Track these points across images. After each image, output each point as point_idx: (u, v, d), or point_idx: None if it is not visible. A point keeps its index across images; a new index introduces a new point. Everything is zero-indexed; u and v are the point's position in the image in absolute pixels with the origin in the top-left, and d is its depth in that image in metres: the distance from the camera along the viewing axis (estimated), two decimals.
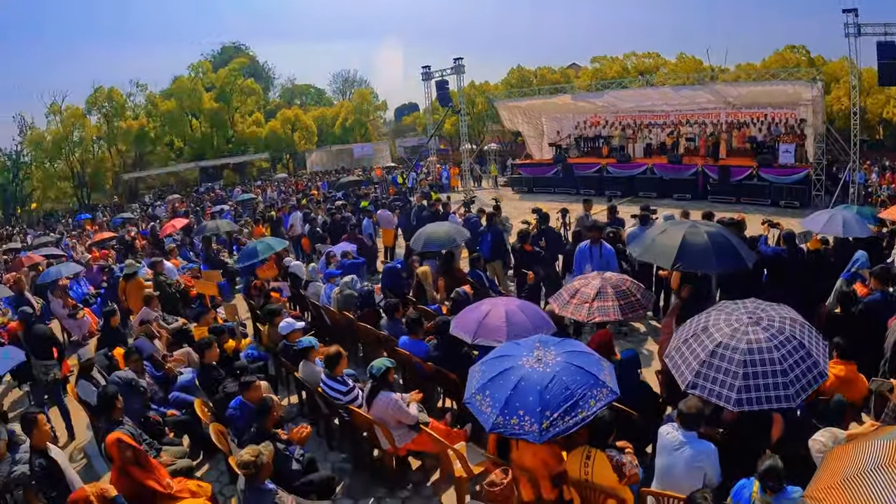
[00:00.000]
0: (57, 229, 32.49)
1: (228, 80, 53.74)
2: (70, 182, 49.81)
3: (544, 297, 9.84)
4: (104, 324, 9.01)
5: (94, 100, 49.37)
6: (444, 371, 6.49)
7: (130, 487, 4.87)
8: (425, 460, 6.18)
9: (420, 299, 9.32)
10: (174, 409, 6.95)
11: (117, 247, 19.41)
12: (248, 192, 34.32)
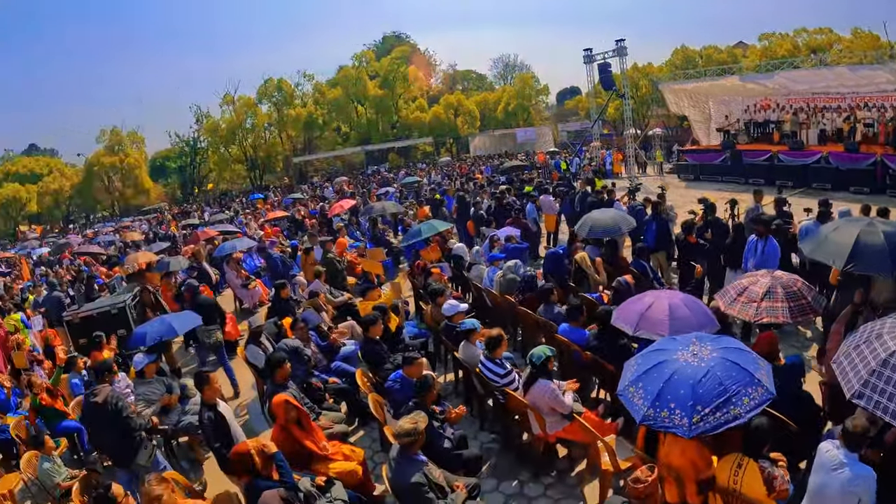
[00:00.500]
0: (231, 207, 37.52)
1: (391, 68, 59.49)
2: (243, 165, 59.96)
3: (707, 292, 9.99)
4: (275, 295, 10.74)
5: (264, 90, 58.64)
6: (602, 361, 6.86)
7: (289, 446, 5.79)
8: (573, 449, 6.58)
9: (580, 285, 9.80)
10: (335, 378, 8.13)
11: (288, 225, 22.59)
12: (412, 175, 37.39)
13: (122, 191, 60.34)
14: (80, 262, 23.05)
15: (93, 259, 22.96)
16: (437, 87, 72.89)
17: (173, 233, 28.27)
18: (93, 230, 42.90)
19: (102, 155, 58.85)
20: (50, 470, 7.10)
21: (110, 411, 6.42)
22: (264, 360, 7.55)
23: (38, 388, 8.48)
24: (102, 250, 25.16)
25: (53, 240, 40.67)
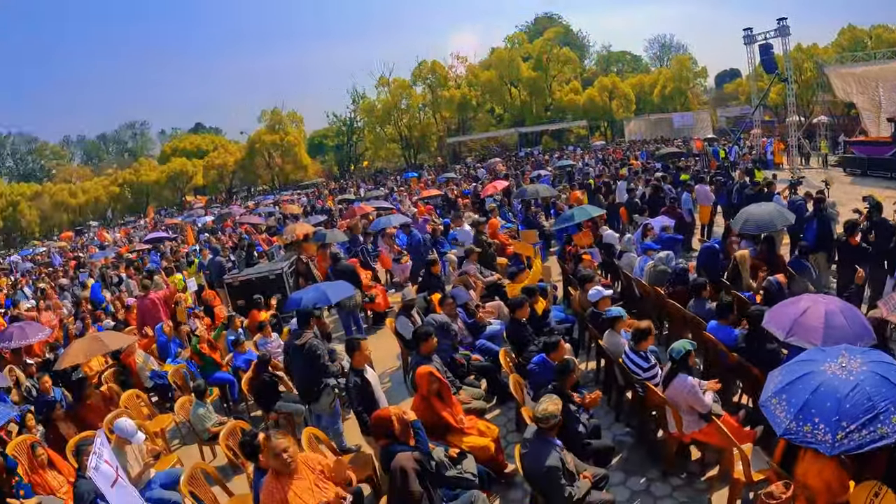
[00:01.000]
0: (386, 185, 39.92)
1: (544, 49, 61.75)
2: (398, 144, 65.42)
3: (867, 300, 9.45)
4: (426, 270, 11.50)
5: (418, 72, 63.49)
6: (748, 365, 6.76)
7: (428, 416, 6.21)
8: (706, 453, 6.55)
9: (734, 283, 9.60)
10: (478, 355, 8.57)
11: (441, 203, 23.55)
12: (566, 158, 37.78)
13: (282, 166, 66.72)
14: (241, 230, 25.49)
15: (253, 228, 25.12)
16: (592, 68, 73.10)
17: (329, 207, 30.25)
18: (254, 202, 47.31)
19: (264, 133, 65.95)
20: (202, 415, 8.06)
21: (308, 354, 7.68)
22: (412, 332, 8.04)
23: (201, 338, 9.90)
24: (262, 221, 27.49)
25: (217, 209, 45.42)
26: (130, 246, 31.22)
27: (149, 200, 68.68)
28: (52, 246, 44.86)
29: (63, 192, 68.67)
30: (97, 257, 27.66)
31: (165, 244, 25.66)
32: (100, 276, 20.66)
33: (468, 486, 5.70)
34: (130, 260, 22.89)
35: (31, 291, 22.23)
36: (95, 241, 41.19)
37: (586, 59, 74.91)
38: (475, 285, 10.73)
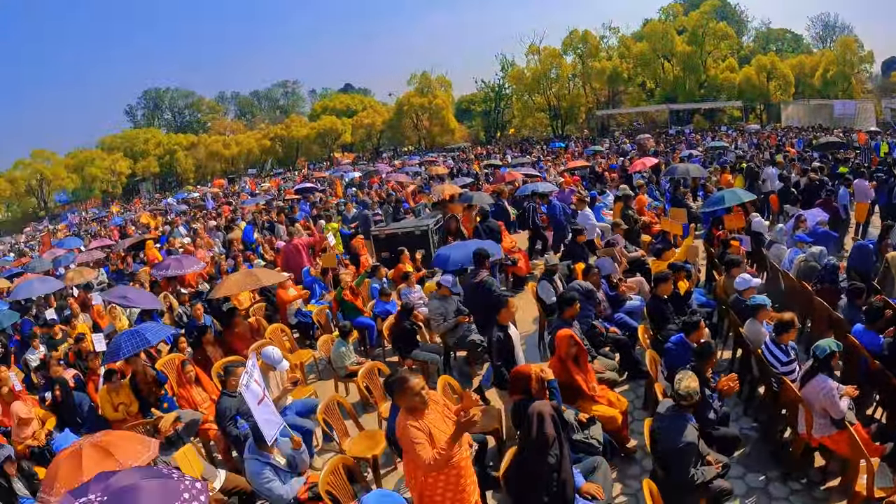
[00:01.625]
0: (532, 153, 39.81)
1: (700, 22, 58.65)
2: (546, 113, 65.07)
3: None
4: (571, 239, 11.69)
5: (569, 41, 62.82)
6: (891, 375, 6.41)
7: (562, 378, 6.33)
8: (831, 462, 6.29)
9: (885, 289, 9.09)
10: (616, 328, 8.66)
11: (588, 175, 23.38)
12: (718, 139, 36.35)
13: (429, 129, 68.34)
14: (387, 187, 26.48)
15: (399, 186, 25.94)
16: (749, 46, 68.71)
17: (475, 171, 30.79)
18: (400, 161, 48.95)
19: (412, 95, 67.72)
20: (343, 353, 8.68)
21: (485, 288, 8.75)
22: (556, 297, 8.33)
23: (344, 285, 10.54)
24: (409, 179, 28.30)
25: (364, 166, 47.25)
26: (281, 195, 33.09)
27: (298, 154, 72.63)
28: (205, 191, 48.26)
29: (217, 143, 74.27)
30: (248, 203, 29.64)
31: (315, 195, 27.02)
32: (252, 220, 22.11)
33: (591, 451, 5.82)
34: (281, 207, 24.34)
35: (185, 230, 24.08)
36: (247, 189, 43.95)
37: (744, 36, 70.36)
38: (620, 259, 10.80)
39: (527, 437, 5.06)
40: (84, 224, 46.54)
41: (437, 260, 10.35)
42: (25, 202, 68.89)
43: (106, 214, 51.29)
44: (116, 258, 21.63)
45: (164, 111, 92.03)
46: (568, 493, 4.92)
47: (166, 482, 3.87)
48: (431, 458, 4.47)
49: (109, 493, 3.73)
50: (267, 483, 5.70)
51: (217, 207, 32.98)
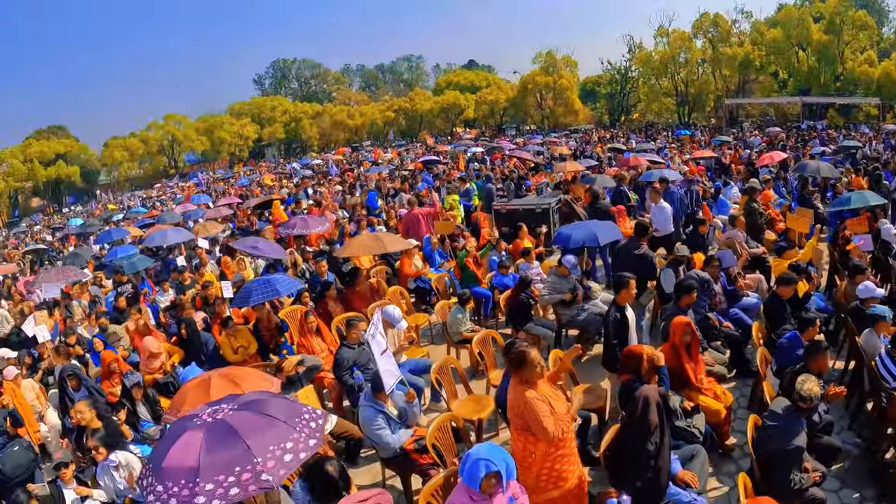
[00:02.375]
0: (656, 139, 39.01)
1: (838, 10, 53.86)
2: (673, 99, 62.26)
3: None
4: (693, 229, 11.69)
5: (699, 24, 59.59)
6: None
7: (672, 364, 6.41)
8: None
9: None
10: (730, 323, 8.58)
11: (713, 166, 22.90)
12: (853, 138, 34.00)
13: (553, 108, 67.67)
14: (509, 164, 26.75)
15: (521, 163, 26.17)
16: (889, 38, 61.73)
17: (598, 154, 30.46)
18: (523, 139, 49.06)
19: (537, 74, 67.13)
20: (460, 319, 9.13)
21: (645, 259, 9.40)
22: (674, 284, 8.32)
23: (469, 253, 11.07)
24: (531, 157, 28.41)
25: (485, 142, 47.63)
26: (403, 165, 34.03)
27: (421, 128, 73.87)
28: (329, 158, 49.99)
29: (342, 113, 76.67)
30: (372, 171, 30.56)
31: (438, 167, 27.67)
32: (376, 187, 22.93)
33: (692, 440, 5.90)
34: (405, 177, 25.20)
35: (311, 192, 25.24)
36: (370, 158, 45.19)
37: (884, 27, 64.55)
38: (741, 253, 10.67)
39: (630, 419, 5.21)
40: (211, 183, 49.13)
41: (558, 238, 10.59)
42: (157, 161, 74.00)
43: (232, 175, 54.07)
44: (243, 215, 22.99)
45: (291, 81, 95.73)
46: (662, 479, 5.04)
47: (292, 403, 4.35)
48: (556, 428, 4.75)
49: (239, 403, 4.26)
50: (378, 430, 6.14)
51: (340, 174, 34.22)
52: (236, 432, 3.89)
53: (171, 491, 3.68)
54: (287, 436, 3.97)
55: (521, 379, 4.95)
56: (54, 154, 68.24)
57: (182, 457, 3.81)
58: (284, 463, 3.82)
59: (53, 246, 28.67)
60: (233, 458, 3.76)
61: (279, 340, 9.19)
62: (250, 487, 3.67)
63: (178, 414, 5.66)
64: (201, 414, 4.24)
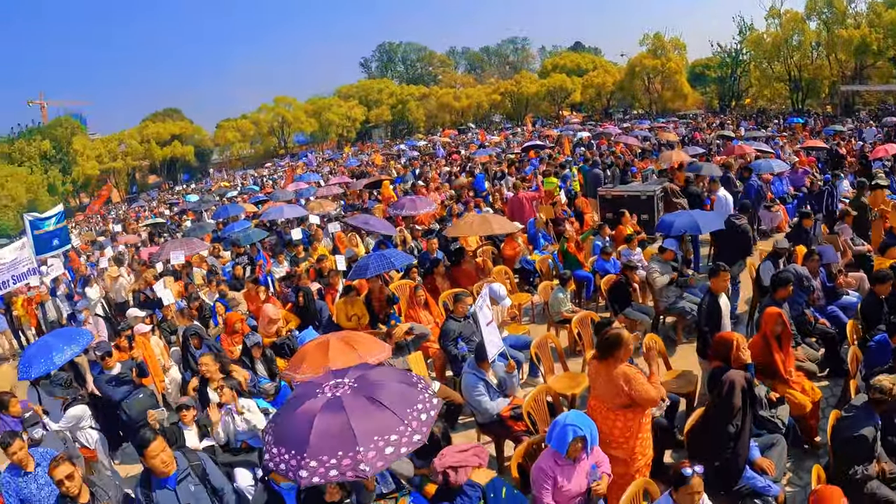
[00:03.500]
0: (768, 127, 37.66)
1: None
2: (785, 84, 58.45)
3: None
4: (798, 223, 11.67)
5: (812, 5, 55.32)
6: None
7: (761, 355, 6.53)
8: None
9: None
10: (826, 321, 8.56)
11: (826, 157, 22.23)
12: None
13: (661, 93, 66.28)
14: (615, 149, 26.59)
15: (627, 149, 26.24)
16: None
17: (708, 138, 30.09)
18: (629, 124, 48.46)
19: (644, 57, 65.75)
20: (561, 299, 9.56)
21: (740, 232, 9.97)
22: (770, 277, 8.24)
23: (570, 238, 11.47)
24: (638, 143, 28.25)
25: (591, 126, 47.42)
26: (508, 148, 34.36)
27: (526, 110, 73.85)
28: (435, 140, 50.85)
29: (448, 95, 77.97)
30: (479, 154, 31.06)
31: (544, 151, 27.89)
32: (483, 169, 23.43)
33: (774, 430, 5.99)
34: (512, 160, 25.73)
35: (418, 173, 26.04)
36: (476, 140, 45.75)
37: None
38: (844, 250, 10.63)
39: (714, 401, 5.48)
40: (321, 163, 50.87)
41: (661, 225, 10.82)
42: (267, 141, 77.88)
43: (341, 156, 55.85)
44: (353, 194, 23.96)
45: (397, 64, 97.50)
46: (739, 462, 5.25)
47: (410, 390, 4.61)
48: (657, 394, 5.25)
49: (360, 381, 4.61)
50: (478, 396, 6.64)
51: (447, 156, 34.93)
52: (347, 417, 4.14)
53: (283, 457, 4.10)
54: (394, 428, 4.14)
55: (615, 359, 5.36)
56: (170, 135, 73.28)
57: (299, 428, 4.19)
58: (384, 455, 4.01)
59: (172, 220, 30.51)
60: (339, 442, 4.01)
61: (388, 311, 9.80)
62: (347, 473, 3.94)
63: (297, 370, 6.39)
64: (325, 386, 4.58)
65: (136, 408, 7.53)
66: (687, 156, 18.73)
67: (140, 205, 54.49)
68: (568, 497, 4.88)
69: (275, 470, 4.24)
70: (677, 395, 6.91)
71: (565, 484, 4.84)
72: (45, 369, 7.88)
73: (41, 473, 5.68)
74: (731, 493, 5.26)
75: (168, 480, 5.04)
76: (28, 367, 7.89)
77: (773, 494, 5.24)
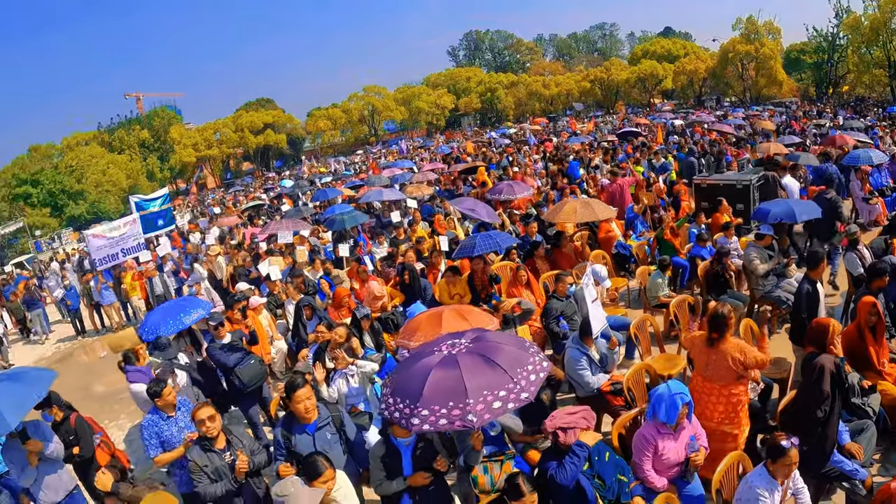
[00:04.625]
0: (866, 116, 36.03)
1: None
2: (885, 71, 53.89)
3: None
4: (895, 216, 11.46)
5: None
6: None
7: (855, 345, 6.60)
8: None
9: None
10: None
11: None
12: None
13: (755, 79, 64.08)
14: (710, 137, 26.21)
15: (722, 138, 25.73)
16: None
17: (803, 129, 29.26)
18: (724, 111, 47.33)
19: (738, 42, 63.58)
20: (659, 283, 9.80)
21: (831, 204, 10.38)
22: (867, 267, 8.29)
23: (665, 225, 11.64)
24: (732, 131, 27.65)
25: (684, 114, 46.50)
26: (602, 136, 34.31)
27: (617, 98, 72.91)
28: (525, 128, 50.96)
29: (537, 83, 77.81)
30: (572, 141, 31.20)
31: (638, 139, 27.85)
32: (577, 157, 23.58)
33: (864, 417, 6.02)
34: (606, 148, 25.85)
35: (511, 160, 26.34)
36: (567, 128, 45.68)
37: None
38: None
39: (805, 385, 5.60)
40: (412, 151, 51.70)
41: (758, 213, 10.78)
42: (357, 129, 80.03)
43: (432, 143, 56.64)
44: (447, 180, 24.42)
45: (484, 52, 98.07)
46: (828, 446, 5.32)
47: (522, 352, 4.89)
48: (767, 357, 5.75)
49: (475, 341, 4.98)
50: (581, 370, 6.94)
51: (539, 143, 35.06)
52: (460, 372, 4.47)
53: (397, 406, 4.47)
54: (503, 385, 4.40)
55: (723, 337, 5.71)
56: (263, 124, 76.06)
57: (414, 380, 4.56)
58: (492, 409, 4.27)
59: (272, 204, 31.72)
60: (450, 394, 4.34)
61: (490, 291, 10.16)
62: (456, 423, 4.22)
63: (411, 338, 6.80)
64: (441, 345, 4.97)
65: (248, 373, 7.96)
66: (783, 146, 18.42)
67: (237, 189, 56.80)
68: (667, 465, 5.19)
69: (389, 418, 4.64)
70: (771, 379, 7.01)
71: (665, 451, 5.15)
72: (174, 329, 8.59)
73: (181, 418, 6.25)
74: (820, 475, 5.36)
75: (309, 426, 5.47)
76: (156, 327, 8.53)
77: (860, 478, 5.32)
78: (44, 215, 50.94)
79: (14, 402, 5.62)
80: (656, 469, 5.21)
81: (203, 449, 5.32)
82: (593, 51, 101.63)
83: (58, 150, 62.64)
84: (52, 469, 6.31)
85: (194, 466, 5.22)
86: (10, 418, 5.44)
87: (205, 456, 5.28)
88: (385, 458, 5.16)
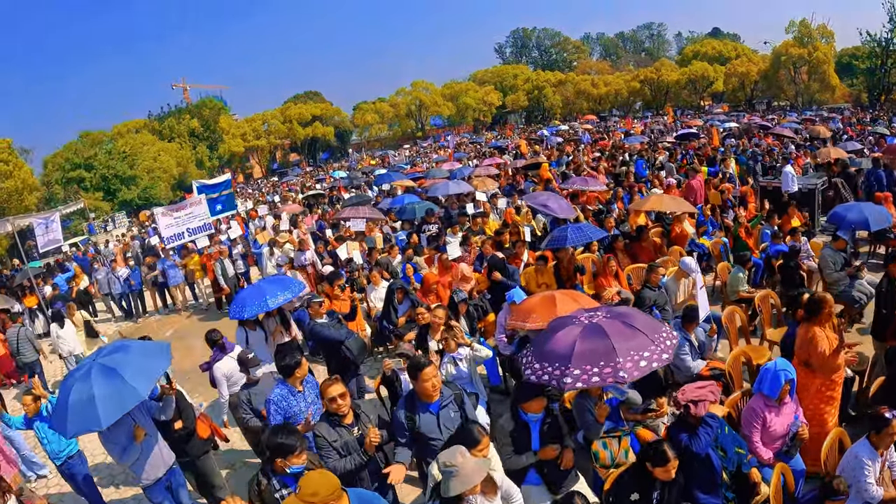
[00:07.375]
0: None
1: None
2: None
3: None
4: None
5: None
6: None
7: None
8: None
9: None
10: None
11: None
12: None
13: (807, 84, 63.20)
14: (766, 142, 26.49)
15: (779, 142, 26.07)
16: None
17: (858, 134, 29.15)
18: (777, 115, 46.84)
19: (790, 45, 63.01)
20: (740, 278, 10.12)
21: None
22: None
23: (741, 224, 12.13)
24: (792, 135, 27.88)
25: (735, 118, 46.44)
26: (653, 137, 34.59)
27: (666, 99, 72.59)
28: (575, 126, 51.20)
29: (586, 82, 77.80)
30: (630, 141, 31.61)
31: (697, 141, 28.19)
32: (640, 156, 23.99)
33: None
34: (668, 148, 26.31)
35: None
36: (620, 128, 45.84)
37: None
38: None
39: (891, 377, 6.02)
40: (461, 146, 52.22)
41: (833, 216, 11.07)
42: (404, 123, 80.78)
43: (483, 140, 57.12)
44: (506, 175, 24.89)
45: (532, 49, 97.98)
46: None
47: (654, 321, 5.46)
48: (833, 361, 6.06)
49: (610, 312, 5.49)
50: (683, 355, 7.36)
51: (592, 142, 35.39)
52: (607, 335, 4.92)
53: (546, 370, 4.89)
54: (646, 346, 4.88)
55: (815, 321, 6.17)
56: (311, 116, 77.36)
57: (561, 346, 5.00)
58: (639, 367, 4.72)
59: (331, 194, 32.47)
60: (600, 354, 4.79)
61: (575, 281, 10.55)
62: (608, 379, 4.67)
63: (526, 319, 7.19)
64: (580, 316, 5.38)
65: (355, 346, 8.21)
66: (842, 151, 18.61)
67: (289, 179, 57.81)
68: (773, 437, 5.59)
69: (538, 381, 5.01)
70: (854, 371, 7.25)
71: (773, 424, 5.56)
72: (259, 310, 8.60)
73: (308, 393, 6.32)
74: None
75: (432, 405, 5.44)
76: (242, 307, 8.54)
77: None
78: (97, 199, 51.97)
79: (142, 373, 5.82)
80: (763, 441, 5.57)
81: (331, 424, 5.31)
82: (640, 50, 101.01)
83: (108, 136, 63.88)
84: (153, 445, 6.37)
85: (323, 441, 5.21)
86: (141, 388, 5.66)
87: (333, 431, 5.27)
88: (514, 432, 5.38)
